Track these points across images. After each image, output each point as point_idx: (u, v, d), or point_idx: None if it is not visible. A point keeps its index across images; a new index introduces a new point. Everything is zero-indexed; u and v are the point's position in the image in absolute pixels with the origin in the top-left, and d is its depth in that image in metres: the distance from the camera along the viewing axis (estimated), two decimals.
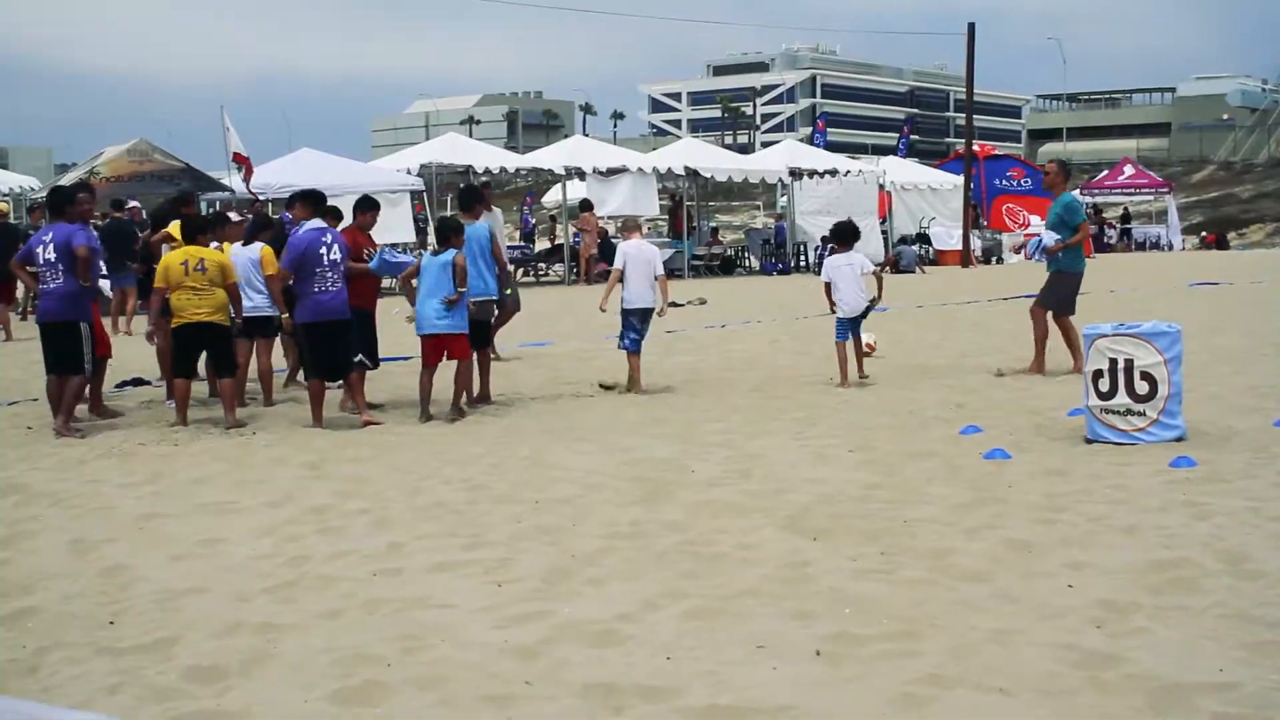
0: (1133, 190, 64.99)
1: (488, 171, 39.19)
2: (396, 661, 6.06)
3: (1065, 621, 6.41)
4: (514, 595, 7.11)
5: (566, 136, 76.05)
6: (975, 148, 50.06)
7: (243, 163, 28.82)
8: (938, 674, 5.72)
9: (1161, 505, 8.76)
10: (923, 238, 47.65)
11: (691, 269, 40.27)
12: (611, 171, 38.72)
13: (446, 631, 6.49)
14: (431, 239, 17.15)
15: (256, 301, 14.21)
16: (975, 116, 48.96)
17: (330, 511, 9.20)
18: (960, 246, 45.72)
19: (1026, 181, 53.42)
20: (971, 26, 47.07)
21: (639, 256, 14.97)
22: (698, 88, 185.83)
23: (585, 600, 6.99)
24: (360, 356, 13.55)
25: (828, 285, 15.31)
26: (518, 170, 41.39)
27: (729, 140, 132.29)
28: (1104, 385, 11.00)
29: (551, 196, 52.26)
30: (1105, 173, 69.78)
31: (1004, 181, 53.52)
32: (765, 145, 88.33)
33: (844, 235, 15.78)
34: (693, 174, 40.94)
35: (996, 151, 63.64)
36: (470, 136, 64.22)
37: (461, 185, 15.31)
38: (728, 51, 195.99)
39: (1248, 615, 6.42)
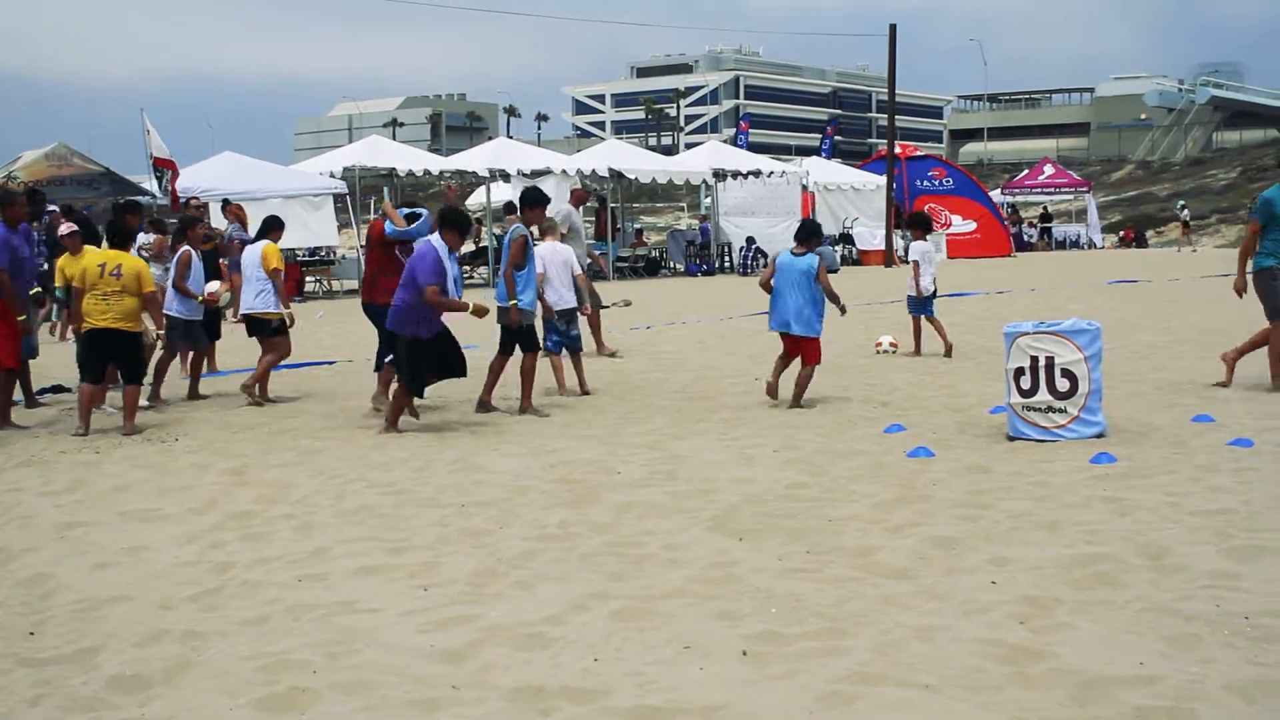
0: (1053, 189, 65.82)
1: (410, 174, 39.01)
2: (322, 667, 6.03)
3: (989, 617, 6.46)
4: (440, 599, 7.09)
5: (490, 139, 75.85)
6: (897, 148, 50.43)
7: (167, 167, 28.53)
8: (863, 671, 5.75)
9: (1083, 501, 8.86)
10: (846, 238, 47.92)
11: (616, 270, 40.28)
12: (536, 174, 38.64)
13: (372, 636, 6.46)
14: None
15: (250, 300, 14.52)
16: (897, 117, 49.31)
17: (254, 517, 9.14)
18: (883, 246, 46.03)
19: (948, 181, 53.88)
20: (893, 28, 47.41)
21: (555, 259, 14.97)
22: (621, 89, 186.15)
23: (512, 603, 6.98)
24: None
25: (916, 265, 17.58)
26: (441, 173, 41.23)
27: (653, 141, 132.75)
28: (1025, 383, 11.11)
29: (475, 199, 52.08)
30: (1026, 172, 70.64)
31: (926, 182, 53.89)
32: (689, 146, 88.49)
33: (922, 222, 18.00)
34: (616, 175, 40.93)
35: (919, 152, 64.10)
36: (393, 139, 64.01)
37: (526, 187, 15.07)
38: (651, 53, 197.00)
39: (1168, 609, 6.50)
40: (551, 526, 8.62)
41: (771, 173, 44.85)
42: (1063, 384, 11.01)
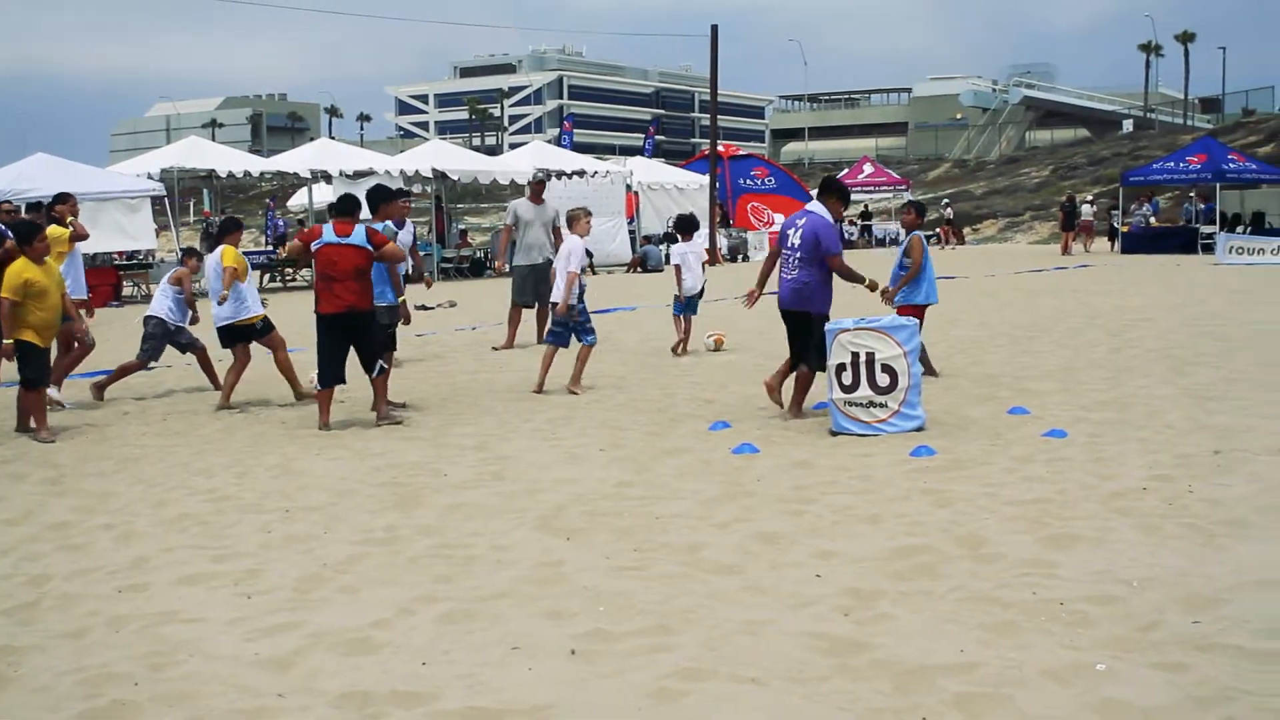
0: (872, 188, 66.87)
1: (230, 175, 38.38)
2: (144, 679, 5.91)
3: (814, 610, 6.56)
4: (265, 606, 7.00)
5: (312, 139, 74.91)
6: (720, 148, 50.84)
7: None
8: (691, 667, 5.79)
9: (903, 494, 9.04)
10: (670, 237, 48.18)
11: (441, 271, 40.04)
12: (358, 174, 38.26)
13: (195, 646, 6.35)
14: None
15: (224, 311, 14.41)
16: (719, 117, 49.69)
17: (72, 528, 8.93)
18: (707, 245, 46.40)
19: (770, 180, 54.47)
20: (714, 29, 47.75)
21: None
22: (444, 89, 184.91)
23: (338, 608, 6.91)
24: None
25: (678, 268, 18.14)
26: (262, 174, 40.66)
27: (477, 142, 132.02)
28: (847, 378, 11.30)
29: (297, 200, 51.41)
30: (845, 171, 71.51)
31: (748, 181, 54.46)
32: (513, 147, 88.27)
33: (688, 226, 18.58)
34: (440, 176, 40.71)
35: (741, 151, 64.71)
36: (213, 140, 62.97)
37: (376, 185, 14.86)
38: (474, 53, 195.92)
39: (986, 597, 6.66)
40: (378, 530, 8.56)
41: (596, 172, 44.94)
42: (883, 379, 11.21)
